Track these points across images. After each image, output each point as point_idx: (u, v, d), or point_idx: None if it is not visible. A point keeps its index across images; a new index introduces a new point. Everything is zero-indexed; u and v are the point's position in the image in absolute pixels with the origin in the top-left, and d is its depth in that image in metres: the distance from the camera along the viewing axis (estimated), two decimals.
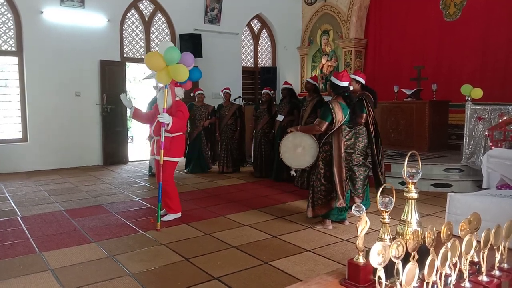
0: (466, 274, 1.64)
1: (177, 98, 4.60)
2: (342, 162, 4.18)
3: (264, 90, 7.51)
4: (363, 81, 4.79)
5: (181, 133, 4.64)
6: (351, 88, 4.40)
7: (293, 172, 4.79)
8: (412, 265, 1.40)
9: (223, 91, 7.82)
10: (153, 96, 6.77)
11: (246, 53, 11.01)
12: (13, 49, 7.78)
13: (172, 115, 4.36)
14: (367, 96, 4.67)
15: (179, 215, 4.72)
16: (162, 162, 4.42)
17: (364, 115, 4.64)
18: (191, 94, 7.78)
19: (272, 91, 7.53)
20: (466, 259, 1.64)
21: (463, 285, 1.63)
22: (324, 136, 4.23)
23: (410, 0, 9.31)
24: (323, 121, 4.15)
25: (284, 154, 4.46)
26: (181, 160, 4.93)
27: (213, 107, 7.85)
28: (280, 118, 6.79)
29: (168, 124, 4.32)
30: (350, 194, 4.69)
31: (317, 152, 4.26)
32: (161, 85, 4.62)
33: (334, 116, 4.09)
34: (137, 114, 4.77)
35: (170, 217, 4.65)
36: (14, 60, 7.81)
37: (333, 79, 4.28)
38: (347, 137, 4.27)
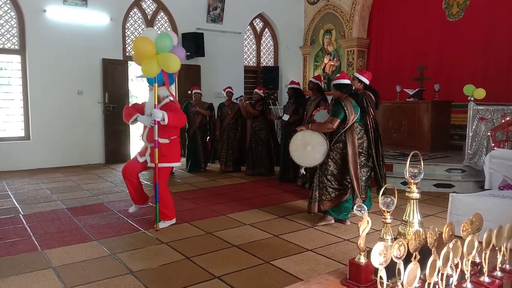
0: (467, 274, 1.64)
1: (166, 100, 4.36)
2: (357, 159, 4.24)
3: (255, 90, 7.58)
4: (366, 81, 4.76)
5: (175, 137, 4.44)
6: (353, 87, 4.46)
7: (302, 171, 4.78)
8: (413, 266, 1.40)
9: (226, 90, 7.83)
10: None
11: (248, 52, 11.01)
12: (16, 47, 7.79)
13: (168, 111, 4.18)
14: (368, 95, 4.65)
15: (173, 221, 4.46)
16: (157, 168, 4.18)
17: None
18: (189, 92, 7.79)
19: (261, 90, 7.54)
20: (468, 260, 1.64)
21: (464, 285, 1.62)
22: (336, 133, 4.26)
23: (413, 0, 9.29)
24: (335, 118, 4.19)
25: (293, 152, 4.48)
26: (178, 165, 4.81)
27: (210, 104, 7.82)
28: (285, 117, 6.76)
29: (164, 120, 4.06)
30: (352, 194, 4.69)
31: (327, 150, 4.29)
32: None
33: (347, 113, 4.15)
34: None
35: (165, 224, 4.37)
36: (17, 58, 7.82)
37: (334, 82, 4.39)
38: (359, 135, 4.30)
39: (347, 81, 4.35)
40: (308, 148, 4.37)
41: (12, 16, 7.73)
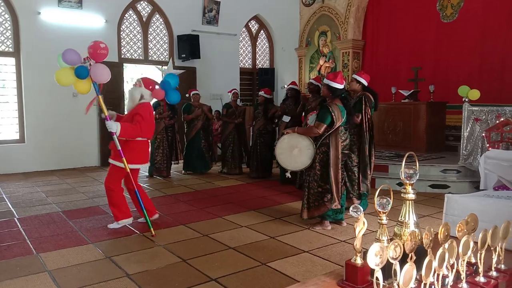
0: (463, 275, 1.64)
1: (143, 101, 4.33)
2: (339, 163, 4.19)
3: (259, 92, 7.45)
4: (365, 83, 4.77)
5: (144, 139, 4.35)
6: (347, 87, 4.43)
7: (288, 174, 4.68)
8: (409, 266, 1.40)
9: (232, 91, 7.77)
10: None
11: (244, 54, 11.01)
12: (11, 50, 7.75)
13: (131, 120, 4.19)
14: (367, 96, 4.68)
15: (128, 221, 4.38)
16: (128, 170, 4.15)
17: (360, 115, 4.66)
18: (187, 95, 7.78)
19: (263, 92, 7.39)
20: (464, 260, 1.65)
21: (460, 286, 1.63)
22: (321, 137, 4.21)
23: (408, 2, 9.34)
24: (322, 123, 4.12)
25: (279, 156, 4.38)
26: (143, 167, 4.68)
27: (209, 107, 7.80)
28: (286, 119, 6.68)
29: (115, 132, 4.07)
30: (347, 195, 4.70)
31: (313, 153, 4.23)
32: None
33: (334, 119, 4.09)
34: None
35: (115, 225, 4.35)
36: (12, 61, 7.78)
37: (329, 82, 4.23)
38: (343, 137, 4.28)
39: (340, 86, 4.21)
40: (294, 152, 4.28)
41: (6, 18, 7.69)
